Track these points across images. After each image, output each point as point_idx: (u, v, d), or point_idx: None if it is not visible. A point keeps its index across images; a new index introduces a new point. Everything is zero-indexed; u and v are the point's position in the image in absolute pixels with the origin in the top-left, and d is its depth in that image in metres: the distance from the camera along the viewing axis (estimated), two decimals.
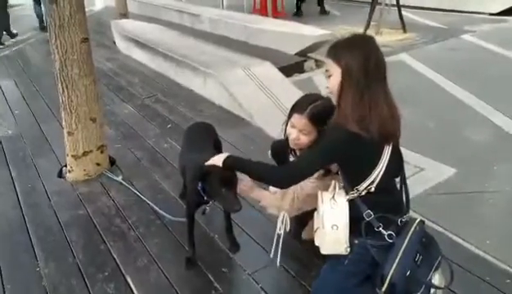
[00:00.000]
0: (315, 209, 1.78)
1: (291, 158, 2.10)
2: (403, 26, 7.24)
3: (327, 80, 1.58)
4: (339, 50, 1.54)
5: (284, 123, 2.01)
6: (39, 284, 2.13)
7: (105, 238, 2.43)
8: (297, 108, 1.90)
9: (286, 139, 2.03)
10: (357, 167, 1.57)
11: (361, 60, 1.48)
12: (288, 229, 1.99)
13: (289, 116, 1.94)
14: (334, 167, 1.86)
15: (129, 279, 2.12)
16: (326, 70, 1.58)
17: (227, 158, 1.76)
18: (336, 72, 1.53)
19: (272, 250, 2.02)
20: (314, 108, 1.82)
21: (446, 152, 3.30)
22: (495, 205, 2.68)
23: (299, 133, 1.87)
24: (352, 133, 1.46)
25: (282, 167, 1.77)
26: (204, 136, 2.38)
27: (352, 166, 1.58)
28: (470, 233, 2.37)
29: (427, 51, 6.25)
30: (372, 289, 1.57)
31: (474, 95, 4.39)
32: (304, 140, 1.87)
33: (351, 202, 1.60)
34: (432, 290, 1.57)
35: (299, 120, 1.86)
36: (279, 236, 1.99)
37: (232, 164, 1.76)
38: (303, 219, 2.16)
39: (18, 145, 3.68)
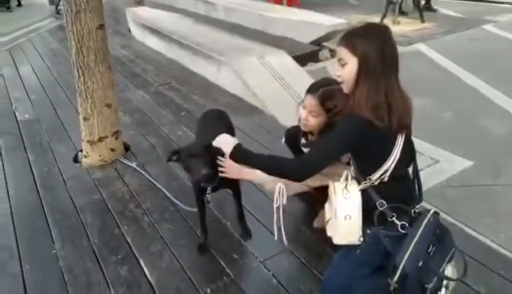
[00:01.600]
0: (325, 199, 1.77)
1: (302, 141, 2.09)
2: (421, 16, 7.10)
3: (339, 69, 1.56)
4: (355, 38, 1.52)
5: (299, 104, 2.02)
6: (56, 265, 2.18)
7: (119, 223, 2.47)
8: (310, 89, 1.93)
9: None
10: (370, 156, 1.55)
11: (378, 48, 1.46)
12: (285, 201, 1.92)
13: (305, 97, 1.96)
14: (344, 158, 1.85)
15: (142, 263, 2.16)
16: (340, 59, 1.55)
17: (236, 148, 1.68)
18: (351, 61, 1.50)
19: (274, 226, 1.93)
20: (326, 91, 1.83)
21: (463, 144, 3.25)
22: (510, 198, 2.63)
23: (308, 114, 1.90)
24: (366, 121, 1.44)
25: (296, 159, 1.71)
26: (218, 123, 2.39)
27: (366, 155, 1.56)
28: (485, 226, 2.34)
29: (445, 41, 6.13)
30: (384, 279, 1.57)
31: (493, 87, 4.30)
32: (312, 121, 1.89)
33: (363, 191, 1.58)
34: (444, 281, 1.56)
35: (310, 101, 1.89)
36: (278, 209, 1.92)
37: (240, 157, 1.69)
38: (314, 208, 2.15)
39: (35, 130, 3.75)
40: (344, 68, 1.53)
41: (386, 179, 1.54)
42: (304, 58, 5.21)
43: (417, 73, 4.46)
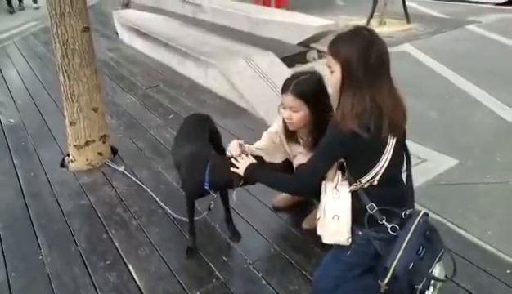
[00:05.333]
0: (318, 198, 1.78)
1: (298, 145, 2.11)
2: (407, 16, 7.18)
3: (329, 76, 1.55)
4: (338, 45, 1.50)
5: (278, 107, 2.05)
6: (42, 272, 2.15)
7: (107, 227, 2.44)
8: (283, 88, 1.95)
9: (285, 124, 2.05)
10: (358, 161, 1.55)
11: (361, 52, 1.44)
12: None
13: (281, 98, 2.00)
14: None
15: (131, 268, 2.14)
16: (328, 66, 1.55)
17: (250, 167, 1.82)
18: (336, 67, 1.49)
19: None
20: (297, 83, 1.88)
21: (449, 143, 3.29)
22: (497, 196, 2.67)
23: (289, 111, 1.92)
24: (349, 133, 1.43)
25: (294, 176, 1.81)
26: (198, 129, 2.35)
27: (354, 161, 1.56)
28: (471, 223, 2.37)
29: (431, 41, 6.20)
30: (374, 280, 1.58)
31: (478, 86, 4.36)
32: (295, 117, 1.92)
33: (354, 193, 1.58)
34: (432, 281, 1.58)
35: (285, 98, 1.92)
36: None
37: (253, 176, 1.84)
38: (304, 209, 2.17)
39: (20, 134, 3.69)
40: (332, 75, 1.53)
41: (375, 182, 1.54)
42: (292, 59, 5.22)
43: (403, 74, 4.44)
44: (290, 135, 2.10)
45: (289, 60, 5.05)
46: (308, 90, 1.88)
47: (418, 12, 7.86)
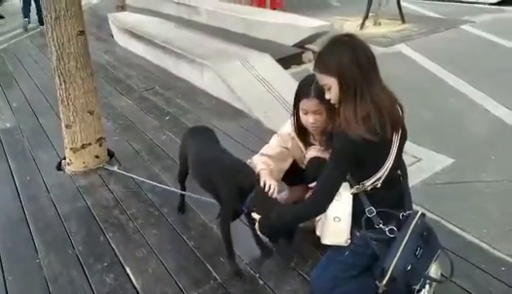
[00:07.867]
0: None
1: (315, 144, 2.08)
2: (402, 17, 7.22)
3: (327, 93, 1.56)
4: (325, 59, 1.51)
5: (292, 115, 2.01)
6: (40, 275, 2.15)
7: (104, 230, 2.44)
8: (302, 93, 1.90)
9: (299, 128, 2.02)
10: (365, 165, 1.55)
11: (350, 57, 1.45)
12: None
13: (296, 105, 1.95)
14: None
15: (128, 270, 2.14)
16: (324, 84, 1.55)
17: (265, 226, 1.81)
18: (332, 82, 1.49)
19: None
20: (317, 86, 1.80)
21: (444, 142, 3.31)
22: (491, 194, 2.69)
23: (314, 115, 1.87)
24: (359, 139, 1.43)
25: (310, 200, 1.73)
26: (215, 142, 2.29)
27: (362, 165, 1.55)
28: (467, 222, 2.39)
29: (426, 41, 6.24)
30: (371, 281, 1.59)
31: (473, 86, 4.40)
32: (321, 119, 1.87)
33: (355, 195, 1.59)
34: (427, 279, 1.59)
35: (309, 103, 1.85)
36: None
37: (274, 231, 1.82)
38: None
39: (16, 138, 3.69)
40: (331, 91, 1.53)
41: (379, 185, 1.55)
42: (288, 61, 5.24)
43: (398, 74, 4.53)
44: (303, 137, 2.06)
45: (285, 62, 5.06)
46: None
47: (413, 12, 7.91)
